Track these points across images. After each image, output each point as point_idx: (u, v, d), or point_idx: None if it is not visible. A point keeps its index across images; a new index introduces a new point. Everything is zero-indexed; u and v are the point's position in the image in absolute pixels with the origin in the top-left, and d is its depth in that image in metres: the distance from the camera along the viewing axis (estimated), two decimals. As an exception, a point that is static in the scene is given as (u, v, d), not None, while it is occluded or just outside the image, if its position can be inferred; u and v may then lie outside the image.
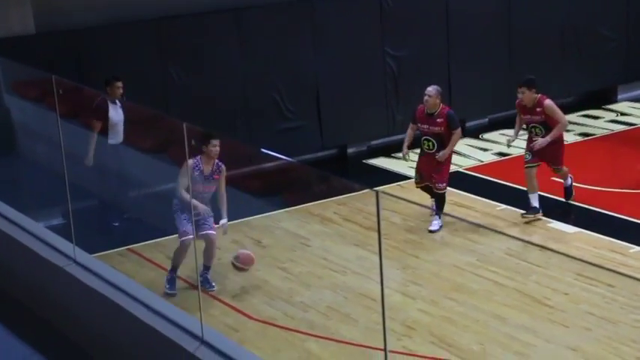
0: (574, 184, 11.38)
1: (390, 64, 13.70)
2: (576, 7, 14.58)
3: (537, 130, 10.80)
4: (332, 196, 11.79)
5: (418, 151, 10.99)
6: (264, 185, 9.77)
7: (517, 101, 11.04)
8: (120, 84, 10.69)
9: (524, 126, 11.08)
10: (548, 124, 10.73)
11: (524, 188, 11.35)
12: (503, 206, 11.25)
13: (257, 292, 9.37)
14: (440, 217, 10.68)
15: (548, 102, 10.75)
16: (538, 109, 10.78)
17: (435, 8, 13.85)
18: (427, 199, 11.02)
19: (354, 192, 11.46)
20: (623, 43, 15.03)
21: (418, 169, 10.98)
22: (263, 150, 9.75)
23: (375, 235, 10.57)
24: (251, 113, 12.63)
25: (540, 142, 10.67)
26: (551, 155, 10.87)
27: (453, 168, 12.74)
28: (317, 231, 11.00)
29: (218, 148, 9.04)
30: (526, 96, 10.77)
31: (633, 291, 8.51)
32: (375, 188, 12.19)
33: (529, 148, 10.91)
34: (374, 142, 13.96)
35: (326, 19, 13.18)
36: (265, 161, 10.08)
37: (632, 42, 15.03)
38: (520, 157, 13.01)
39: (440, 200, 10.81)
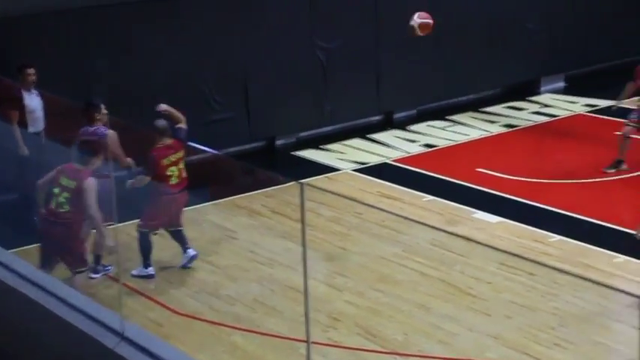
0: (498, 174, 11.59)
1: (319, 55, 13.70)
2: (501, 1, 14.76)
3: None
4: (260, 189, 11.76)
5: None
6: (189, 178, 9.70)
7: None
8: (32, 71, 10.43)
9: None
10: None
11: (451, 179, 11.52)
12: (430, 197, 11.36)
13: (182, 286, 9.32)
14: None
15: None
16: None
17: (364, 0, 13.89)
18: (349, 193, 11.10)
19: (281, 184, 11.46)
20: (545, 36, 15.27)
21: None
22: (189, 143, 9.66)
23: (297, 225, 10.59)
24: (177, 104, 12.42)
25: None
26: None
27: (379, 160, 12.92)
28: (244, 224, 10.98)
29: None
30: None
31: (552, 279, 8.69)
32: (303, 180, 12.20)
33: None
34: (303, 134, 13.96)
35: (254, 9, 13.11)
36: (191, 154, 10.00)
37: (554, 34, 15.27)
38: (447, 148, 13.21)
39: None
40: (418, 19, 10.69)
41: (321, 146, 13.58)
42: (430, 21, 10.67)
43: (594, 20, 15.36)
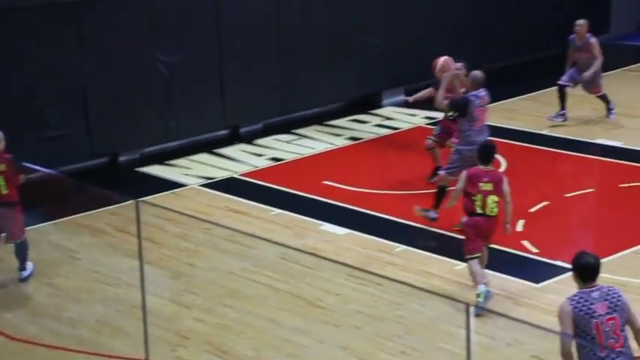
0: (344, 186, 11.75)
1: (161, 69, 13.51)
2: (341, 15, 15.00)
3: None
4: (103, 207, 11.47)
5: None
6: (27, 197, 9.34)
7: None
8: None
9: None
10: None
11: (298, 192, 11.59)
12: (278, 210, 11.38)
13: (19, 310, 8.93)
14: None
15: None
16: None
17: (205, 14, 13.80)
18: (196, 208, 10.94)
19: (124, 202, 11.20)
20: (386, 51, 15.63)
21: None
22: (23, 163, 9.30)
23: (149, 244, 10.41)
24: (11, 121, 11.95)
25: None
26: None
27: (226, 174, 12.85)
28: (87, 243, 10.66)
29: None
30: None
31: (397, 288, 8.85)
32: (149, 197, 12.01)
33: None
34: (147, 150, 13.72)
35: (93, 23, 12.80)
36: (28, 172, 9.62)
37: (394, 50, 15.64)
38: (293, 161, 13.28)
39: None
40: None
41: (167, 162, 13.39)
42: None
43: (432, 34, 15.83)
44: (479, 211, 8.91)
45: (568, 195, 11.38)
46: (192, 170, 13.09)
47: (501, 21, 16.78)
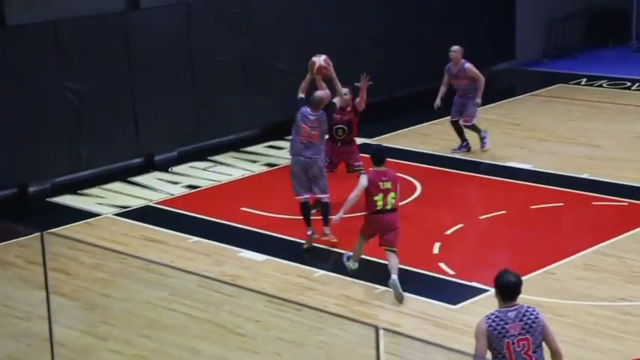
0: (262, 212, 11.74)
1: (71, 98, 13.29)
2: (254, 42, 15.04)
3: None
4: (12, 239, 11.20)
5: None
6: None
7: None
8: None
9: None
10: None
11: (215, 219, 11.53)
12: (195, 238, 11.29)
13: None
14: None
15: None
16: None
17: (115, 40, 13.65)
18: (111, 238, 10.91)
19: (33, 233, 10.96)
20: (299, 77, 15.65)
21: None
22: None
23: (63, 276, 10.19)
24: None
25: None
26: None
27: (141, 203, 12.69)
28: (-4, 276, 10.39)
29: None
30: None
31: (317, 313, 8.85)
32: (62, 227, 11.77)
33: None
34: (59, 180, 13.45)
35: None
36: None
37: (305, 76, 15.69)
38: (210, 188, 13.20)
39: None
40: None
41: (80, 191, 13.16)
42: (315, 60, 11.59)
43: (345, 61, 15.97)
44: (379, 208, 9.64)
45: (482, 217, 11.60)
46: (106, 199, 12.89)
47: (410, 48, 17.08)
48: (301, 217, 10.96)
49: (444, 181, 13.05)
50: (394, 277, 9.47)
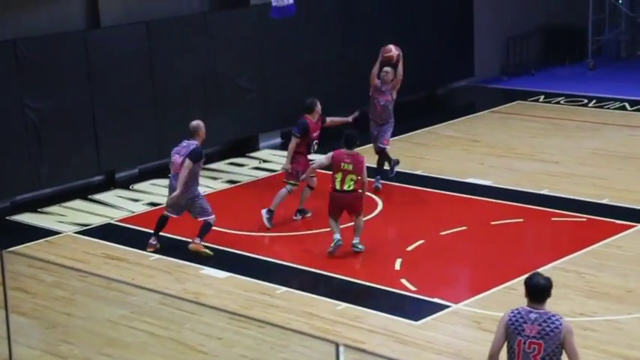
0: (223, 229, 11.73)
1: (30, 116, 13.20)
2: (215, 58, 15.07)
3: None
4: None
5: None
6: None
7: None
8: None
9: None
10: None
11: (176, 236, 11.50)
12: (156, 256, 11.24)
13: None
14: None
15: None
16: None
17: (75, 58, 13.58)
18: (72, 256, 10.84)
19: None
20: (261, 94, 15.77)
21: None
22: None
23: (23, 295, 10.08)
24: None
25: None
26: None
27: (102, 220, 12.61)
28: (-45, 296, 10.22)
29: None
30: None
31: (280, 330, 8.84)
32: (22, 245, 11.65)
33: None
34: (18, 198, 13.33)
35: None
36: None
37: (268, 94, 15.79)
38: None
39: None
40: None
41: (40, 209, 13.05)
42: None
43: (307, 78, 16.08)
44: (337, 188, 10.64)
45: (442, 233, 11.69)
46: (67, 217, 12.79)
47: (369, 65, 17.18)
48: (263, 234, 11.01)
49: (405, 198, 13.14)
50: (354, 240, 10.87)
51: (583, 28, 20.93)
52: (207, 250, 11.13)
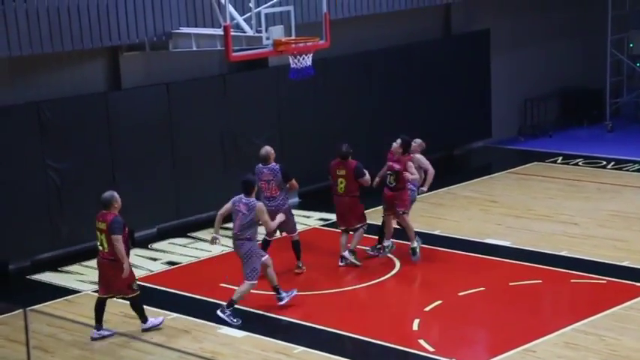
0: (237, 287, 11.73)
1: (52, 176, 13.38)
2: (234, 118, 15.24)
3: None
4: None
5: None
6: None
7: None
8: None
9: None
10: None
11: (195, 295, 11.50)
12: (175, 315, 11.26)
13: None
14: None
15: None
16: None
17: (96, 120, 13.80)
18: (91, 315, 10.84)
19: (13, 311, 10.91)
20: (278, 154, 15.76)
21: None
22: None
23: (42, 354, 10.10)
24: None
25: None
26: None
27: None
28: (-25, 354, 10.28)
29: None
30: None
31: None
32: (42, 304, 11.71)
33: None
34: (38, 257, 13.43)
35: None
36: None
37: (286, 153, 15.84)
38: (187, 265, 13.23)
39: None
40: None
41: (60, 268, 13.13)
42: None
43: (324, 138, 16.21)
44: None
45: (461, 294, 11.65)
46: (86, 276, 12.86)
47: (392, 126, 17.31)
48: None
49: (423, 258, 13.12)
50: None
51: (601, 90, 21.05)
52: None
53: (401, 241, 13.06)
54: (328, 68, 16.12)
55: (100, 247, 10.70)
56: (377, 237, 13.10)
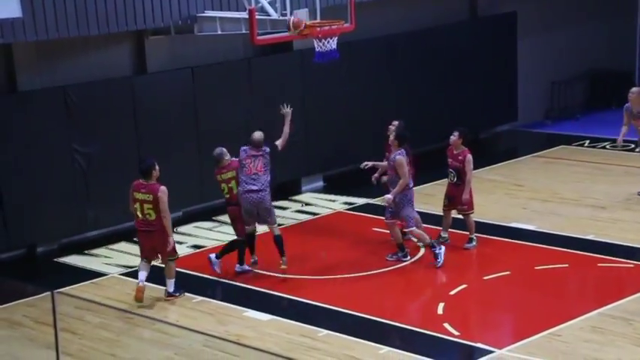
0: (266, 272, 11.76)
1: (78, 160, 13.46)
2: (256, 103, 15.24)
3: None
4: (20, 299, 11.25)
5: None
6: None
7: None
8: None
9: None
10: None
11: (220, 279, 11.56)
12: (200, 298, 11.32)
13: None
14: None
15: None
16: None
17: (122, 104, 13.86)
18: (117, 297, 10.94)
19: (41, 293, 11.02)
20: (303, 138, 15.88)
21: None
22: None
23: (70, 336, 10.21)
24: None
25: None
26: None
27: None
28: (4, 336, 10.40)
29: None
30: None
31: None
32: (69, 287, 11.82)
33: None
34: (65, 240, 13.54)
35: (8, 114, 12.74)
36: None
37: (311, 138, 15.91)
38: (215, 248, 13.27)
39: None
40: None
41: (86, 251, 13.24)
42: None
43: (349, 122, 16.19)
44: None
45: (486, 277, 11.62)
46: (113, 259, 12.96)
47: (418, 109, 17.26)
48: (306, 277, 11.00)
49: (447, 241, 13.08)
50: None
51: (629, 72, 20.82)
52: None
53: (431, 227, 13.03)
54: (353, 52, 16.06)
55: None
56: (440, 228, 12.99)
